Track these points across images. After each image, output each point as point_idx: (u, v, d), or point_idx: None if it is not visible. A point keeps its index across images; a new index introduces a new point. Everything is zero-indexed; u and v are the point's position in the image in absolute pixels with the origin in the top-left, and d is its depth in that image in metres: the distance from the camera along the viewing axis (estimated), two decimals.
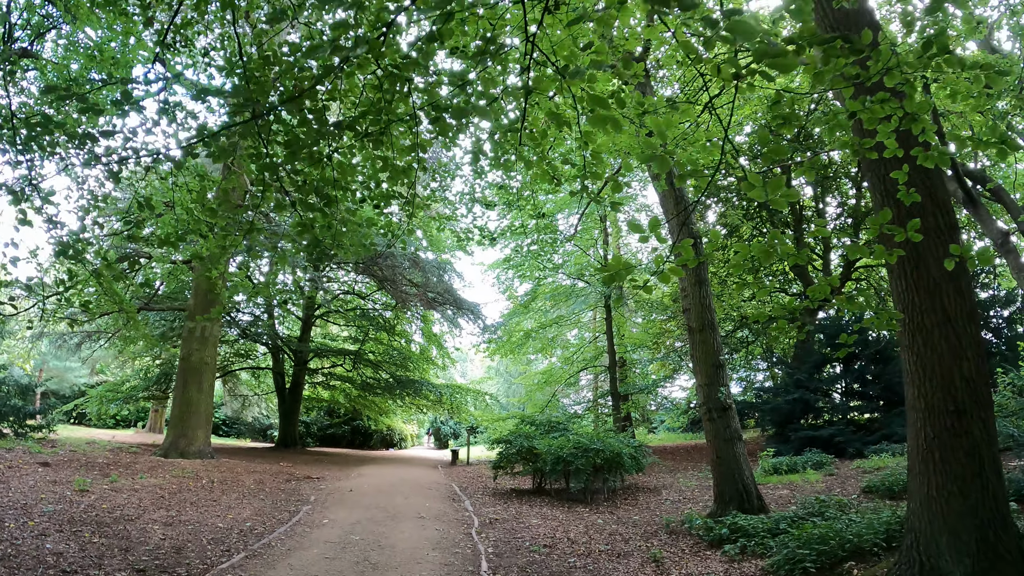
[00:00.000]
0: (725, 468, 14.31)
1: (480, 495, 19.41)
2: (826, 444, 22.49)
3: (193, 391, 24.29)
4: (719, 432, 14.50)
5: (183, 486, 17.20)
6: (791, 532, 10.92)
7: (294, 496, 17.78)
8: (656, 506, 16.98)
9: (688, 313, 15.39)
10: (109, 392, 34.34)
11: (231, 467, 22.20)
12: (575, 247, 34.87)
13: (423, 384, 36.48)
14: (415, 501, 17.33)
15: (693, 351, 15.23)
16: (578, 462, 17.49)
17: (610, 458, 17.95)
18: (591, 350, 38.49)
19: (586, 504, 17.45)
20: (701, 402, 14.97)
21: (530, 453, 19.46)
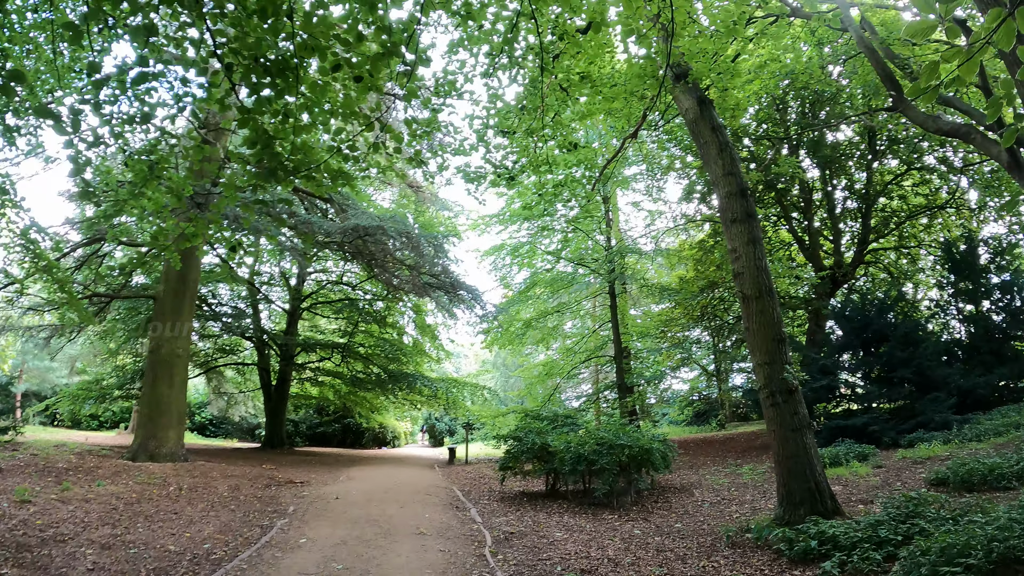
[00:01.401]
0: (794, 463, 11.48)
1: (487, 501, 16.47)
2: (859, 433, 20.15)
3: (163, 387, 21.37)
4: (785, 420, 11.64)
5: (144, 495, 14.64)
6: (918, 540, 8.29)
7: (271, 506, 14.92)
8: (694, 510, 14.22)
9: (741, 278, 12.47)
10: (82, 391, 31.21)
11: (205, 471, 19.37)
12: (577, 231, 31.89)
13: (417, 378, 33.55)
14: (412, 511, 14.29)
15: (748, 323, 12.32)
16: (602, 461, 14.59)
17: (637, 455, 15.13)
18: (594, 340, 35.51)
19: (612, 510, 14.58)
20: (761, 384, 11.99)
21: (543, 451, 16.57)
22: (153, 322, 22.42)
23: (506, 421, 33.77)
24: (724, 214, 12.99)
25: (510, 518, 13.71)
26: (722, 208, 13.10)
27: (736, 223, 12.70)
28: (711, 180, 13.57)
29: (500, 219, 32.77)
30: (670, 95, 14.04)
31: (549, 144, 14.98)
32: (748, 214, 12.71)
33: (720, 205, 13.17)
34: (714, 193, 13.53)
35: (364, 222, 21.16)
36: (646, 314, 36.71)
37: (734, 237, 12.71)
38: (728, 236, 12.96)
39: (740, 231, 12.60)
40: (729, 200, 12.90)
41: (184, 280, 22.01)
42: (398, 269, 24.56)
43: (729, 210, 12.84)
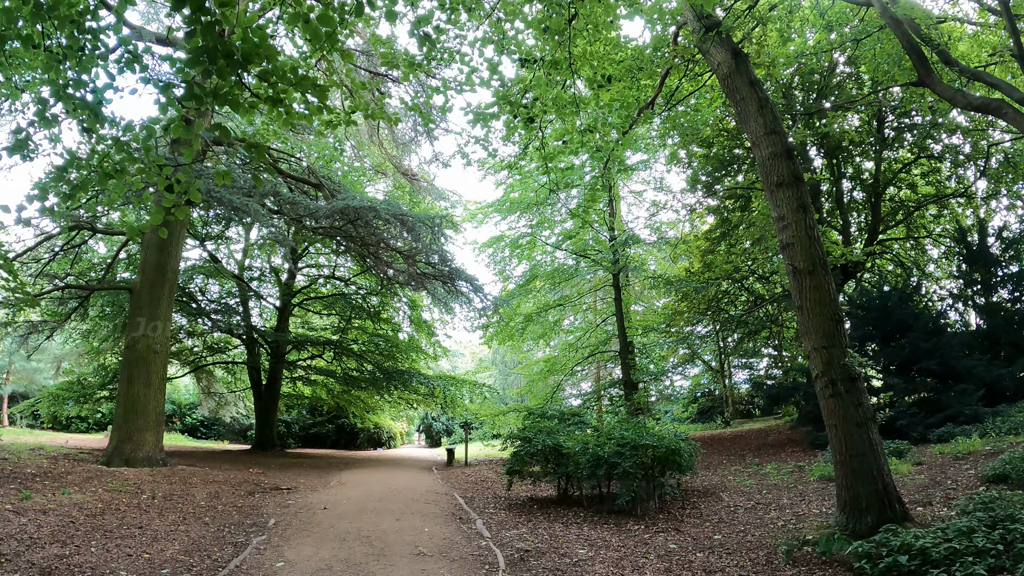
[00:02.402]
0: (860, 463, 9.71)
1: (493, 509, 14.49)
2: (886, 428, 18.51)
3: (139, 386, 19.33)
4: (848, 412, 9.84)
5: (111, 505, 12.80)
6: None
7: (250, 518, 13.01)
8: (729, 517, 12.42)
9: (790, 249, 10.63)
10: (63, 391, 29.19)
11: (185, 477, 17.44)
12: (579, 221, 29.91)
13: (413, 375, 31.60)
14: (410, 524, 12.31)
15: (800, 301, 10.48)
16: (625, 464, 12.63)
17: (663, 456, 13.19)
18: (597, 335, 33.65)
19: (636, 518, 12.74)
20: (818, 371, 10.12)
21: (555, 454, 14.60)
22: (129, 316, 20.44)
23: (506, 420, 32.23)
24: (768, 177, 11.16)
25: (522, 531, 11.77)
26: (765, 171, 11.24)
27: (782, 187, 10.94)
28: (751, 141, 11.71)
29: (499, 208, 30.91)
30: (697, 53, 12.37)
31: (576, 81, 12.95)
32: (796, 177, 10.98)
33: (763, 168, 11.32)
34: (755, 154, 11.58)
35: (355, 204, 19.12)
36: (648, 309, 34.95)
37: (781, 203, 10.92)
38: (773, 202, 11.12)
39: (787, 196, 10.85)
40: (773, 162, 11.11)
41: (162, 271, 20.03)
42: (393, 259, 22.53)
43: (774, 173, 11.09)
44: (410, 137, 27.41)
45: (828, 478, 14.57)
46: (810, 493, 13.72)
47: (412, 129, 27.06)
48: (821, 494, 13.44)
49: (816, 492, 13.77)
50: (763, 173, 11.37)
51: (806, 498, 13.23)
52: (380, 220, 19.51)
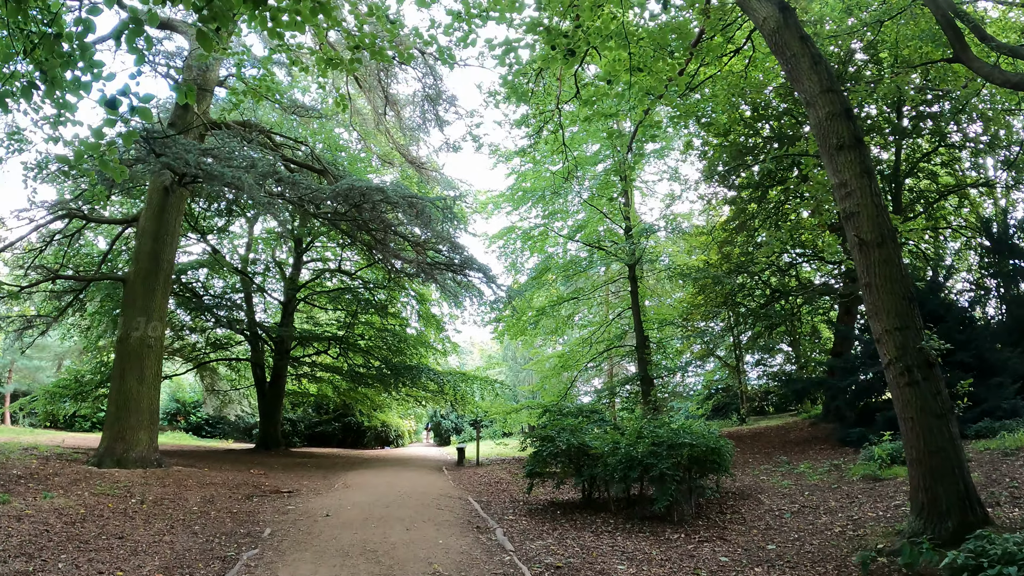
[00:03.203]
0: (940, 460, 8.34)
1: (512, 516, 13.04)
2: None
3: (132, 382, 17.97)
4: (927, 403, 8.48)
5: (95, 511, 11.52)
6: None
7: (244, 526, 11.63)
8: (776, 523, 11.03)
9: (855, 219, 9.26)
10: (59, 388, 27.83)
11: (180, 479, 16.09)
12: (591, 211, 28.52)
13: (423, 370, 30.20)
14: (422, 535, 10.84)
15: (867, 277, 9.10)
16: (662, 465, 11.14)
17: (702, 456, 11.72)
18: (612, 329, 32.14)
19: (673, 524, 11.33)
20: (892, 357, 8.72)
21: (580, 454, 13.02)
22: (122, 308, 19.07)
23: (519, 418, 30.88)
24: (826, 140, 9.75)
25: (548, 542, 10.31)
26: (823, 133, 9.83)
27: (844, 150, 9.54)
28: (804, 101, 10.28)
29: (511, 198, 29.45)
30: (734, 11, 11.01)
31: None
32: (857, 139, 9.61)
33: (820, 130, 9.91)
34: (809, 116, 10.15)
35: (360, 185, 17.59)
36: (662, 304, 33.43)
37: (842, 168, 9.53)
38: (832, 168, 9.71)
39: (849, 160, 9.47)
40: (832, 122, 9.72)
41: (156, 260, 18.69)
42: (401, 247, 21.02)
43: (833, 134, 9.68)
44: (417, 123, 25.98)
45: (873, 477, 13.41)
46: (857, 494, 12.36)
47: (420, 115, 25.65)
48: (871, 495, 12.11)
49: (864, 493, 12.41)
50: (820, 136, 9.97)
51: (855, 500, 11.89)
52: (388, 204, 17.93)
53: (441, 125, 25.14)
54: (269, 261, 33.49)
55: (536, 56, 11.76)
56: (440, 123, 24.97)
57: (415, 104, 25.74)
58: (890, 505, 11.05)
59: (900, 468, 13.64)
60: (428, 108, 25.04)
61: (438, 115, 24.71)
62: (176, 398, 44.48)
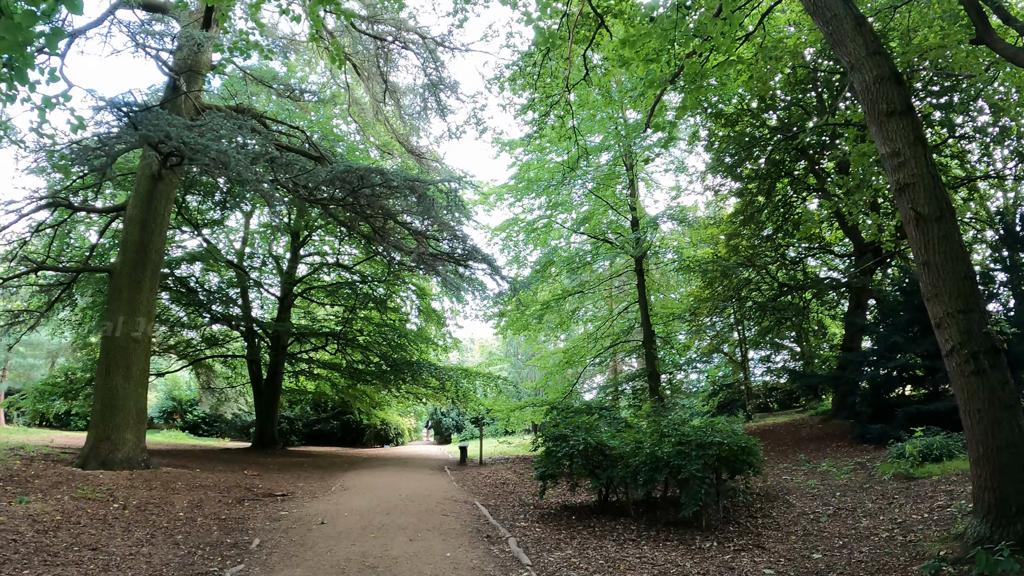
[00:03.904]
0: (1010, 456, 7.38)
1: (524, 522, 11.95)
2: (945, 419, 16.08)
3: (118, 379, 16.81)
4: (995, 394, 7.52)
5: (72, 517, 10.50)
6: None
7: (232, 534, 10.56)
8: (813, 527, 10.03)
9: (910, 191, 8.24)
10: (48, 386, 26.70)
11: (168, 482, 14.93)
12: (598, 200, 27.51)
13: (423, 366, 29.13)
14: (427, 546, 9.70)
15: (926, 255, 8.11)
16: (691, 467, 10.01)
17: (733, 455, 10.71)
18: (619, 324, 31.03)
19: (703, 531, 10.35)
20: (955, 343, 7.78)
21: (598, 454, 11.87)
22: (108, 301, 17.96)
23: (523, 416, 29.74)
24: (874, 106, 8.71)
25: (567, 553, 9.21)
26: (871, 99, 8.79)
27: (894, 116, 8.50)
28: (849, 65, 9.23)
29: (514, 188, 28.31)
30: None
31: None
32: (908, 105, 8.58)
33: (867, 96, 8.87)
34: (855, 81, 9.08)
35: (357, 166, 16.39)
36: (666, 299, 32.33)
37: (893, 136, 8.49)
38: (882, 136, 8.67)
39: (901, 127, 8.43)
40: (880, 86, 8.69)
41: (144, 250, 17.56)
42: (402, 237, 19.87)
43: (882, 99, 8.65)
44: (418, 112, 24.87)
45: (906, 476, 12.43)
46: (893, 495, 11.31)
47: (420, 103, 24.55)
48: (908, 495, 11.06)
49: (900, 493, 11.35)
50: (867, 102, 8.91)
51: (893, 501, 10.85)
52: (388, 188, 16.73)
53: (443, 112, 24.04)
54: (265, 255, 32.41)
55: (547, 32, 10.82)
56: (442, 109, 23.87)
57: (415, 93, 24.72)
58: (933, 506, 10.04)
59: (933, 466, 12.83)
60: (429, 95, 24.00)
61: (439, 100, 23.61)
62: (172, 396, 43.69)
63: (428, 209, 17.16)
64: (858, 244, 24.39)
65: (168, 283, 26.33)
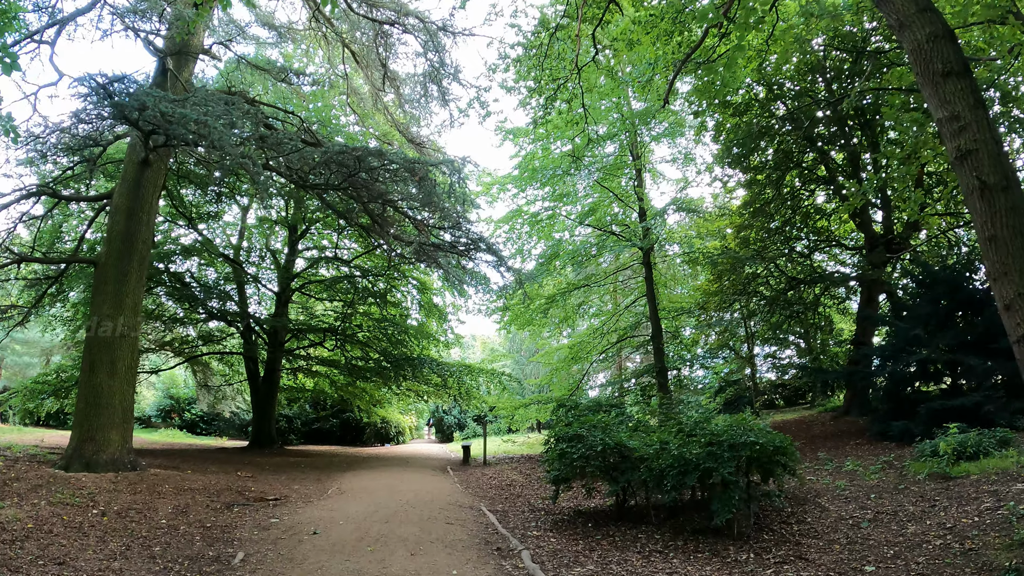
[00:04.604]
0: None
1: (537, 530, 10.92)
2: (970, 415, 15.45)
3: (103, 376, 15.74)
4: None
5: (45, 526, 9.52)
6: None
7: (215, 546, 9.59)
8: (857, 535, 9.04)
9: (973, 158, 7.28)
10: (38, 384, 25.72)
11: (154, 484, 13.86)
12: (603, 189, 26.57)
13: (425, 362, 28.20)
14: (430, 561, 8.65)
15: (991, 229, 7.16)
16: (724, 470, 8.95)
17: (768, 456, 9.73)
18: (626, 318, 30.06)
19: (735, 540, 9.34)
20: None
21: (618, 455, 10.78)
22: (92, 294, 16.93)
23: (527, 414, 28.66)
24: (928, 66, 7.71)
25: (589, 569, 8.20)
26: (924, 59, 7.78)
27: (951, 77, 7.46)
28: (897, 24, 8.21)
29: (519, 178, 27.25)
30: None
31: None
32: (965, 66, 7.59)
33: (919, 56, 7.86)
34: (905, 42, 8.05)
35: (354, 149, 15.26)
36: (671, 293, 31.36)
37: (952, 98, 7.45)
38: (938, 99, 7.64)
39: (960, 89, 7.40)
40: (934, 45, 7.66)
41: (130, 240, 16.51)
42: (402, 225, 18.78)
43: (936, 59, 7.61)
44: (419, 99, 23.83)
45: (942, 476, 11.49)
46: (933, 496, 10.37)
47: (421, 90, 23.52)
48: (949, 497, 10.14)
49: (939, 494, 10.42)
50: (920, 63, 7.88)
51: (935, 503, 9.91)
52: (387, 171, 15.63)
53: (445, 100, 23.01)
54: (263, 250, 31.47)
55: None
56: (443, 94, 22.83)
57: (415, 81, 23.73)
58: (980, 509, 9.10)
59: (969, 465, 11.90)
60: (430, 83, 23.02)
61: (441, 86, 22.57)
62: (170, 394, 42.95)
63: (429, 194, 16.01)
64: (869, 237, 23.54)
65: (163, 279, 25.45)
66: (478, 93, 18.13)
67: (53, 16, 15.19)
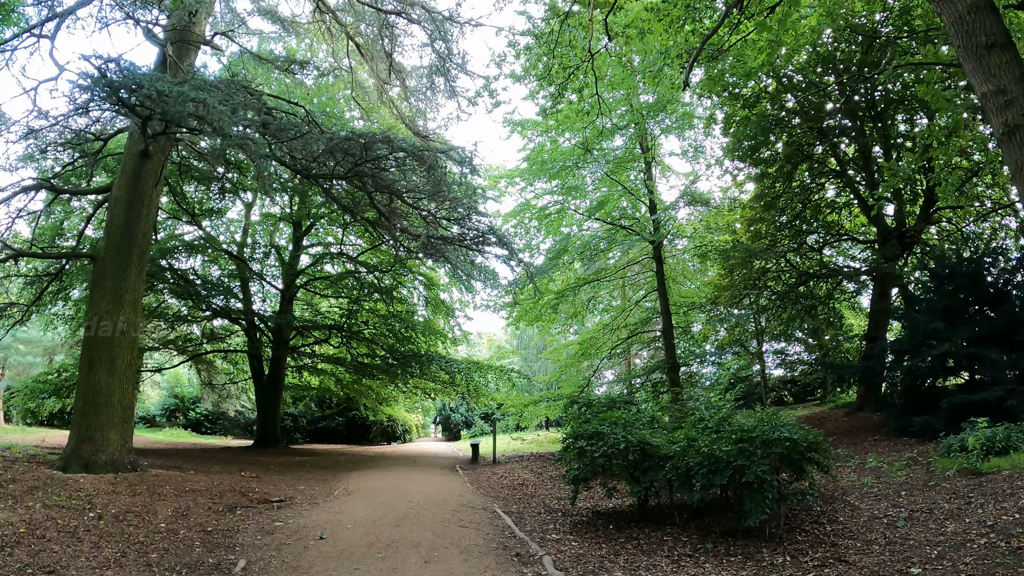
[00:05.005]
0: None
1: (556, 533, 10.34)
2: (993, 410, 14.85)
3: (101, 374, 15.16)
4: None
5: (38, 531, 8.96)
6: None
7: (216, 552, 9.09)
8: (896, 536, 8.49)
9: (1020, 135, 6.81)
10: (39, 383, 25.21)
11: (154, 486, 13.29)
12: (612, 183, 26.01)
13: (433, 358, 27.53)
14: (445, 569, 8.07)
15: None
16: (757, 468, 8.37)
17: (800, 453, 9.15)
18: (636, 314, 29.47)
19: (767, 541, 8.79)
20: None
21: (640, 453, 10.17)
22: (90, 289, 16.37)
23: (536, 411, 28.09)
24: (971, 38, 7.32)
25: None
26: (965, 30, 7.37)
27: (995, 49, 7.12)
28: None
29: (527, 172, 26.65)
30: None
31: None
32: (1009, 39, 7.21)
33: (960, 27, 7.46)
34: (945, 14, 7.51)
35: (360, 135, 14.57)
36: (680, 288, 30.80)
37: (997, 71, 7.07)
38: (982, 72, 7.24)
39: (1005, 61, 7.05)
40: (977, 16, 7.28)
41: (130, 234, 15.94)
42: (409, 220, 18.12)
43: (979, 31, 7.24)
44: (424, 91, 23.21)
45: (972, 472, 11.14)
46: (966, 493, 9.93)
47: (428, 81, 22.90)
48: (984, 493, 9.69)
49: (974, 491, 9.97)
50: (962, 35, 7.40)
51: (970, 501, 9.46)
52: (394, 159, 14.98)
53: (452, 91, 22.41)
54: (267, 247, 30.87)
55: None
56: (450, 82, 22.18)
57: (421, 73, 23.13)
58: (1018, 505, 8.65)
59: (999, 460, 11.54)
60: (436, 75, 22.41)
61: (448, 76, 21.95)
62: (175, 393, 42.52)
63: (438, 184, 15.35)
64: (882, 230, 23.09)
65: (167, 276, 24.90)
66: (487, 81, 17.36)
67: (52, 9, 14.68)
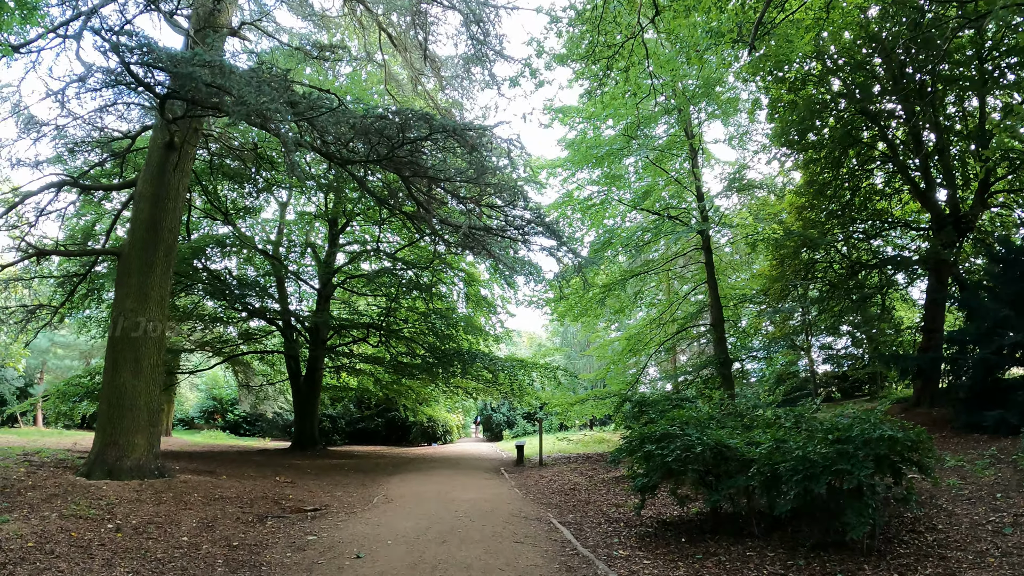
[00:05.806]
0: None
1: (622, 547, 9.19)
2: None
3: (126, 375, 14.22)
4: None
5: (49, 544, 8.08)
6: None
7: (239, 573, 8.18)
8: (1008, 544, 7.41)
9: None
10: (71, 386, 24.60)
11: (182, 494, 12.36)
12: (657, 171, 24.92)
13: (476, 356, 26.49)
14: None
15: None
16: (860, 472, 7.15)
17: (898, 454, 7.92)
18: (685, 307, 28.22)
19: (866, 555, 7.53)
20: None
21: (716, 457, 8.94)
22: (115, 287, 15.46)
23: (583, 410, 26.87)
24: None
25: None
26: None
27: None
28: None
29: (570, 160, 25.52)
30: None
31: None
32: None
33: None
34: None
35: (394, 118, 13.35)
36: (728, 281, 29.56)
37: None
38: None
39: None
40: None
41: (155, 229, 15.04)
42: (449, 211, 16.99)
43: None
44: (460, 79, 22.17)
45: None
46: None
47: (463, 69, 21.88)
48: None
49: None
50: None
51: None
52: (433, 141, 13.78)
53: (490, 74, 21.30)
54: (303, 245, 30.13)
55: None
56: (487, 67, 21.07)
57: (455, 63, 22.18)
58: None
59: None
60: (473, 62, 21.37)
61: (485, 60, 20.80)
62: (213, 395, 42.25)
63: (482, 167, 14.14)
64: (936, 216, 21.45)
65: (201, 276, 24.23)
66: (527, 60, 16.11)
67: (77, 8, 13.83)
